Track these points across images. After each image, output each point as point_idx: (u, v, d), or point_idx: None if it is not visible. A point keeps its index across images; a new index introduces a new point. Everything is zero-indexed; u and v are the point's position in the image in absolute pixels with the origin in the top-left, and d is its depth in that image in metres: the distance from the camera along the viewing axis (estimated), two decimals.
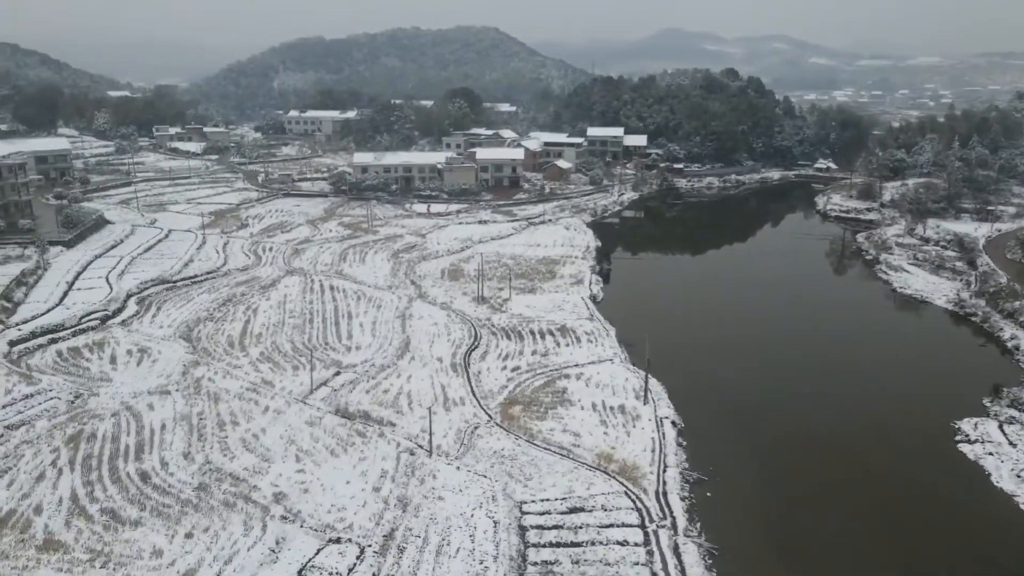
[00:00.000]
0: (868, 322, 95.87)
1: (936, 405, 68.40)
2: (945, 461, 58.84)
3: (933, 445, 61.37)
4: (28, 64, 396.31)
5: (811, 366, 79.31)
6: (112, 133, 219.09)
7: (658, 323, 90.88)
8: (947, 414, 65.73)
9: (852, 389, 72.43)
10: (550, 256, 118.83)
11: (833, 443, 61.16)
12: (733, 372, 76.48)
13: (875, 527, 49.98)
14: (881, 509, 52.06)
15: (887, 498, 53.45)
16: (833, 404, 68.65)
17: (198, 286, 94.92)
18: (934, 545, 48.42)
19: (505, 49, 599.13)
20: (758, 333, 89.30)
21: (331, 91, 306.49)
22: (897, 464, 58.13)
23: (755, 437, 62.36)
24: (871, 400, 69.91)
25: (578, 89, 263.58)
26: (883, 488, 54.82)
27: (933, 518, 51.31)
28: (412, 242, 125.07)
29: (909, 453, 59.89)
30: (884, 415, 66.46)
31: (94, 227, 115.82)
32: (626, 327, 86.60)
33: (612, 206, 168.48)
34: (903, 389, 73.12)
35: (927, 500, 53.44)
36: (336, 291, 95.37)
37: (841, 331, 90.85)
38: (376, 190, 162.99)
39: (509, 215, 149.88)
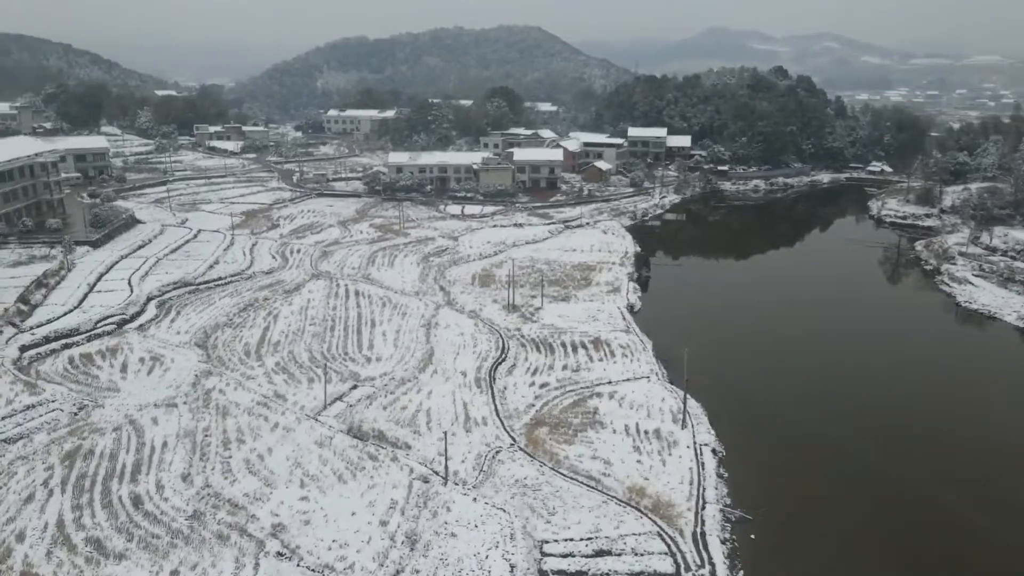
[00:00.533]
0: (930, 341, 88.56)
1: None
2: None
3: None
4: (80, 63, 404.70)
5: (868, 392, 71.77)
6: (153, 132, 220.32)
7: (699, 336, 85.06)
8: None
9: (919, 422, 65.50)
10: (586, 262, 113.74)
11: (898, 487, 54.94)
12: (780, 393, 70.57)
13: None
14: (960, 564, 46.01)
15: (967, 553, 47.26)
16: (896, 441, 61.85)
17: (221, 289, 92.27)
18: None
19: (547, 48, 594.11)
20: (807, 350, 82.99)
21: (371, 90, 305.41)
22: (981, 516, 50.67)
23: (806, 470, 56.60)
24: (943, 440, 61.68)
25: (620, 88, 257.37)
26: (964, 541, 48.52)
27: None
28: (443, 245, 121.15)
29: (996, 503, 52.02)
30: (965, 461, 58.27)
31: (123, 227, 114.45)
32: (664, 340, 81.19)
33: (653, 209, 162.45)
34: (987, 431, 63.60)
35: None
36: (361, 296, 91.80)
37: (902, 351, 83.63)
38: (410, 191, 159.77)
39: (545, 218, 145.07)
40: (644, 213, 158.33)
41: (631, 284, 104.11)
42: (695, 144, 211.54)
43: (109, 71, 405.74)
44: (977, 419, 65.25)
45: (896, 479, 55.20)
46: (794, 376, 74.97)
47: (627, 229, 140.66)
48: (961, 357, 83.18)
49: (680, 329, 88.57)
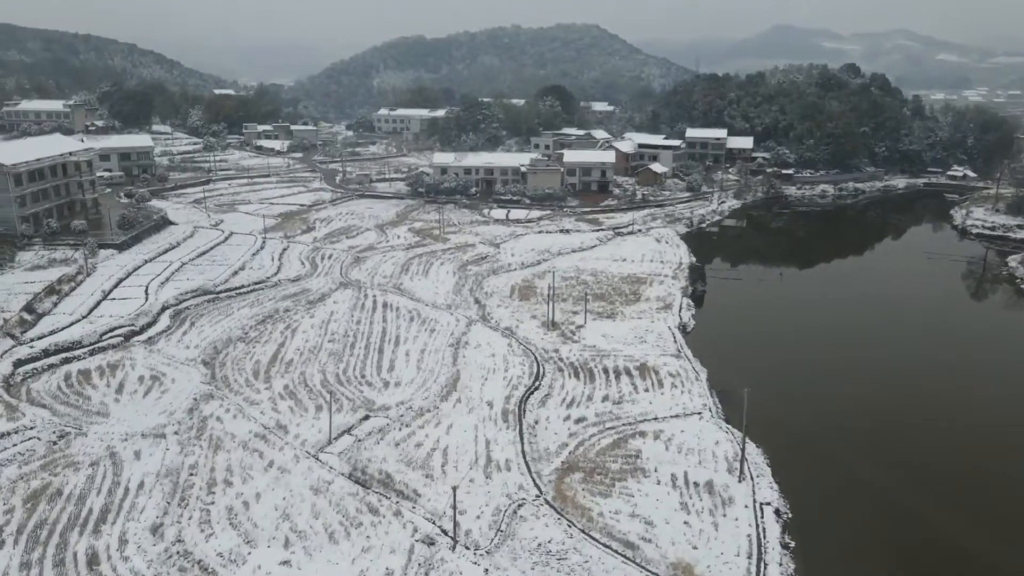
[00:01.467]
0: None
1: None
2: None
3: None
4: (143, 63, 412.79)
5: (964, 443, 61.50)
6: (204, 130, 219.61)
7: (760, 365, 75.71)
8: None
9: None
10: (636, 273, 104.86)
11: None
12: (857, 435, 60.76)
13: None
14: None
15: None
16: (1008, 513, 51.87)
17: (242, 298, 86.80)
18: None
19: (605, 47, 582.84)
20: (886, 380, 72.43)
21: (422, 89, 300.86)
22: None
23: (894, 537, 47.08)
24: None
25: (678, 87, 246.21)
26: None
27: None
28: (483, 252, 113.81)
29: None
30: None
31: (154, 228, 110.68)
32: (720, 367, 72.08)
33: (711, 215, 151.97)
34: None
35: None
36: (389, 309, 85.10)
37: (1002, 384, 72.56)
38: (454, 193, 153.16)
39: (594, 224, 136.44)
40: (701, 219, 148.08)
41: (684, 300, 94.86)
42: (757, 146, 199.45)
43: (170, 70, 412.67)
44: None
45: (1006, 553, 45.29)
46: (872, 413, 64.79)
47: (682, 237, 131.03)
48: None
49: (739, 355, 79.19)
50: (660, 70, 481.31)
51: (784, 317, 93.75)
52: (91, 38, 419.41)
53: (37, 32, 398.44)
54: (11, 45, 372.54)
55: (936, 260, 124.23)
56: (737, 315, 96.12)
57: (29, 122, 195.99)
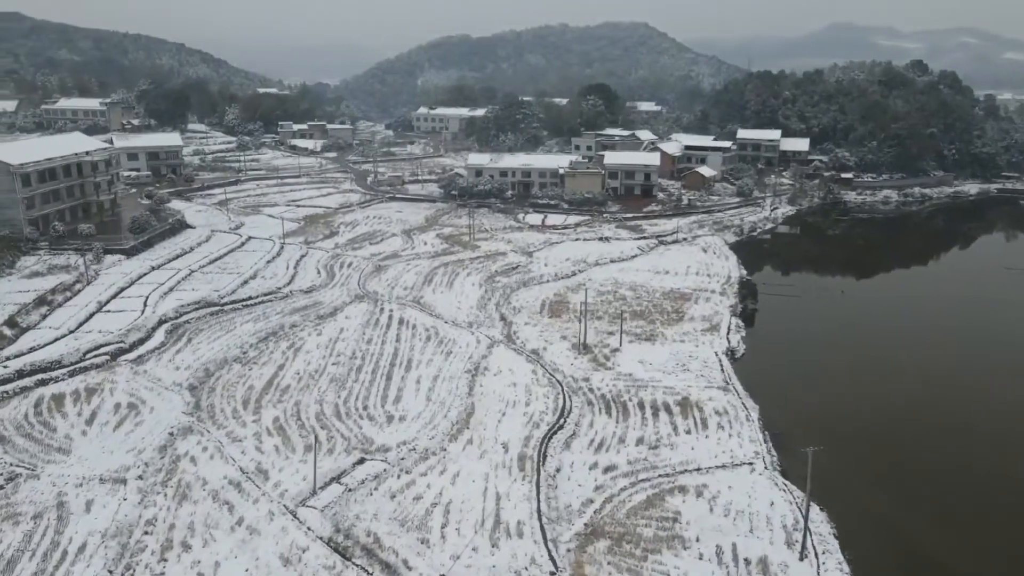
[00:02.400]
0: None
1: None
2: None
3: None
4: (190, 62, 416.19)
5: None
6: (240, 129, 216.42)
7: (822, 400, 66.06)
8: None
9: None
10: (679, 288, 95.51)
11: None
12: (954, 503, 50.76)
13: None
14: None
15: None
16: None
17: (248, 311, 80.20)
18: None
19: (654, 45, 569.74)
20: (979, 429, 61.92)
21: (462, 87, 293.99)
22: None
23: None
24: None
25: (729, 86, 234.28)
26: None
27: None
28: (515, 262, 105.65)
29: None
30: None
31: (168, 232, 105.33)
32: (775, 404, 62.77)
33: (762, 223, 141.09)
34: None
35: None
36: (404, 326, 77.55)
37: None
38: (488, 196, 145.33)
39: (636, 231, 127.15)
40: (752, 227, 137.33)
41: (733, 320, 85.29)
42: (814, 148, 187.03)
43: (216, 69, 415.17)
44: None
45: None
46: (977, 483, 54.44)
47: (731, 247, 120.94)
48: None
49: (796, 390, 69.53)
50: (710, 69, 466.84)
51: (849, 343, 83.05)
52: (140, 38, 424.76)
53: (88, 32, 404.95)
54: (62, 44, 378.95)
55: (1017, 274, 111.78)
56: (794, 339, 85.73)
57: (66, 120, 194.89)
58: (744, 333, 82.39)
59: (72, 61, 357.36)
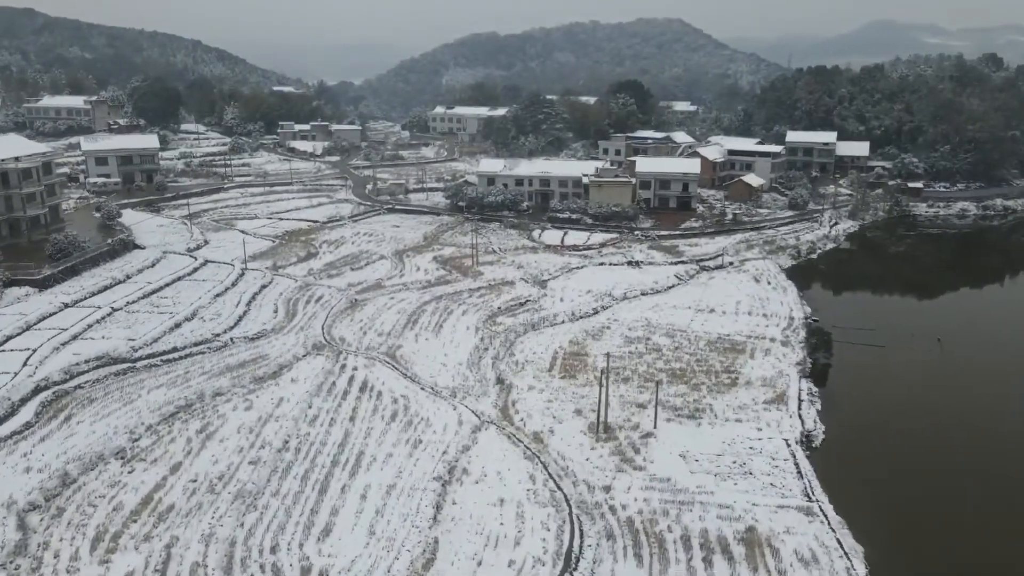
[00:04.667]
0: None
1: None
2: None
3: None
4: (205, 60, 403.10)
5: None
6: (239, 129, 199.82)
7: (956, 527, 45.38)
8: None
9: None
10: (730, 335, 75.20)
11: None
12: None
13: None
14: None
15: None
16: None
17: (167, 370, 61.65)
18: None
19: (689, 42, 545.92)
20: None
21: (483, 85, 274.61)
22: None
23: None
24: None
25: (776, 83, 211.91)
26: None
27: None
28: (523, 295, 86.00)
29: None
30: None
31: (107, 255, 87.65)
32: (887, 537, 42.49)
33: (822, 242, 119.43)
34: None
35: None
36: (368, 395, 58.45)
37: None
38: (501, 208, 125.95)
39: (672, 253, 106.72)
40: (810, 248, 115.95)
41: (803, 384, 64.80)
42: (874, 153, 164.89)
43: (232, 67, 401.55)
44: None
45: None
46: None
47: (787, 273, 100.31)
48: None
49: (913, 508, 48.63)
50: (749, 66, 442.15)
51: (971, 422, 61.49)
52: (156, 35, 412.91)
53: (102, 29, 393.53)
54: (75, 41, 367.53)
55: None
56: (890, 417, 63.33)
57: (47, 119, 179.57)
58: (820, 405, 61.77)
59: (83, 58, 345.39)
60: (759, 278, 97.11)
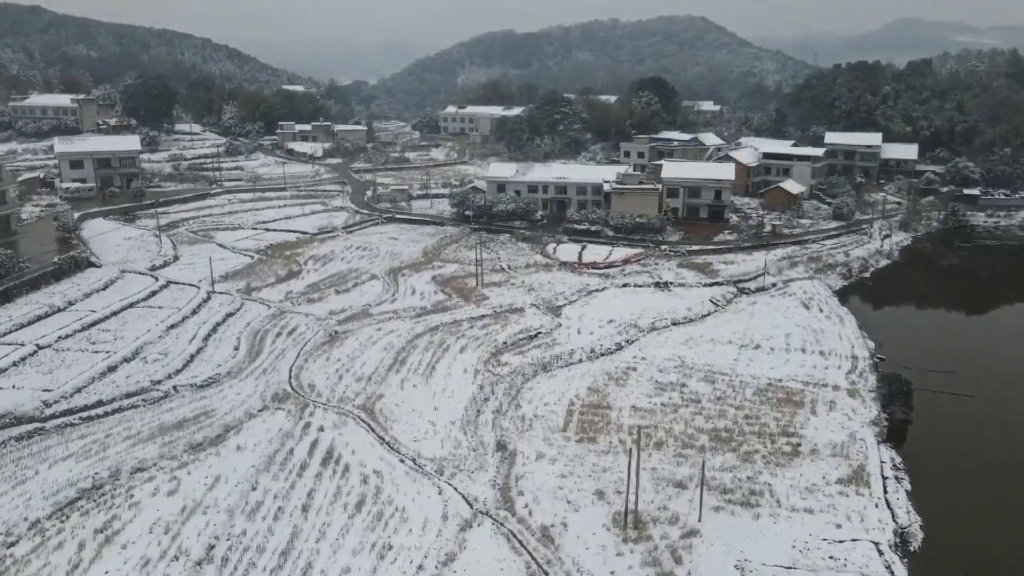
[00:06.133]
0: None
1: None
2: None
3: None
4: (214, 58, 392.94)
5: None
6: (237, 130, 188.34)
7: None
8: None
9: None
10: (782, 380, 61.87)
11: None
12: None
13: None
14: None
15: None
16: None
17: (84, 431, 49.36)
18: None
19: (711, 40, 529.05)
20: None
21: (496, 83, 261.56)
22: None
23: None
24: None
25: (811, 80, 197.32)
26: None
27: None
28: (533, 326, 72.97)
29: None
30: None
31: (53, 275, 75.77)
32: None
33: (874, 258, 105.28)
34: None
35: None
36: (331, 470, 45.82)
37: None
38: (512, 217, 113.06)
39: (705, 272, 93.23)
40: (863, 265, 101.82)
41: (883, 452, 51.40)
42: (923, 156, 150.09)
43: (241, 66, 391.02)
44: None
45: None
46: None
47: (840, 297, 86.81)
48: None
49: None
50: (775, 65, 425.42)
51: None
52: (165, 32, 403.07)
53: (110, 27, 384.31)
54: (81, 39, 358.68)
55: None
56: (1004, 494, 49.24)
57: (31, 119, 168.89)
58: (910, 484, 48.30)
59: (88, 57, 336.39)
60: (808, 303, 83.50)
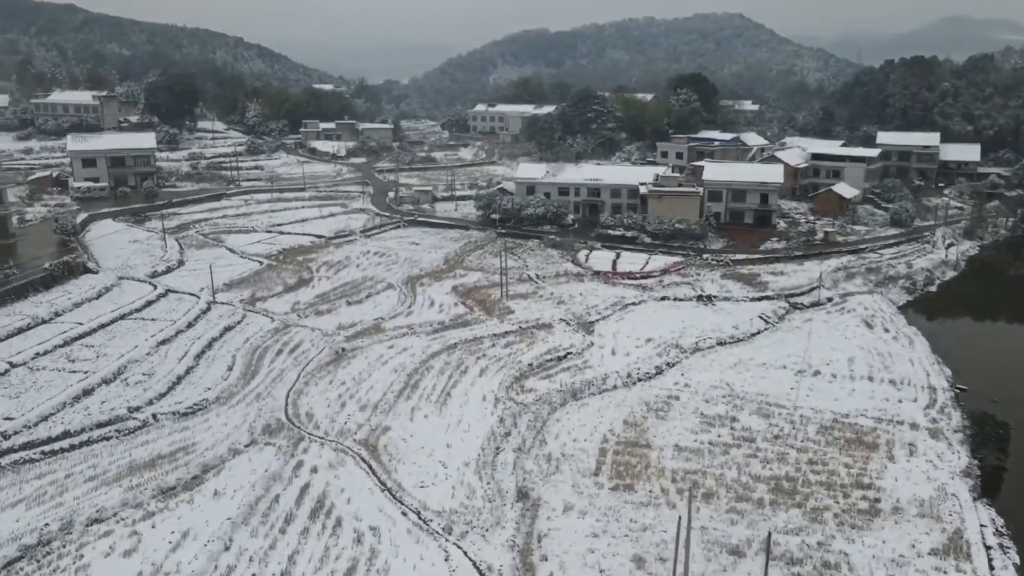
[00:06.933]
0: None
1: None
2: None
3: None
4: (245, 57, 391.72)
5: None
6: (260, 128, 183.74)
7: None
8: None
9: None
10: (849, 415, 53.54)
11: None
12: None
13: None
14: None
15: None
16: None
17: (45, 468, 43.04)
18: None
19: (749, 38, 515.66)
20: None
21: (527, 81, 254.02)
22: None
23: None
24: None
25: (862, 77, 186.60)
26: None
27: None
28: (563, 345, 65.40)
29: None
30: None
31: (43, 282, 70.30)
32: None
33: (940, 269, 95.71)
34: None
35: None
36: (320, 523, 38.81)
37: None
38: (541, 222, 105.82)
39: (752, 284, 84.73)
40: (927, 277, 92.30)
41: (980, 511, 42.87)
42: (987, 157, 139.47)
43: (272, 64, 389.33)
44: None
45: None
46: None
47: (906, 314, 77.77)
48: None
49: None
50: (816, 63, 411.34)
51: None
52: (198, 31, 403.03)
53: (143, 25, 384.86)
54: (115, 38, 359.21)
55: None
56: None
57: (54, 116, 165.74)
58: (1018, 555, 39.78)
59: (120, 55, 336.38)
60: (871, 321, 74.65)
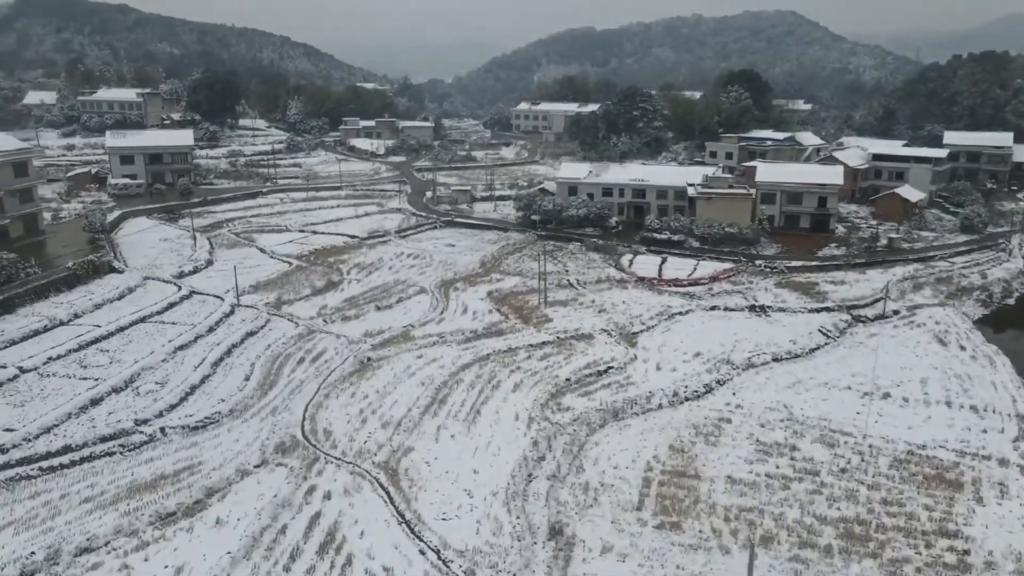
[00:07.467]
0: None
1: None
2: None
3: None
4: (291, 55, 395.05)
5: None
6: (301, 125, 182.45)
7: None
8: None
9: None
10: (926, 447, 47.69)
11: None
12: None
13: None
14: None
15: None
16: None
17: (41, 485, 39.98)
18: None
19: (802, 35, 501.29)
20: None
21: (572, 79, 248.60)
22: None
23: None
24: None
25: (927, 73, 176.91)
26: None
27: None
28: (604, 358, 60.54)
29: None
30: None
31: (63, 283, 67.98)
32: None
33: (1018, 280, 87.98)
34: None
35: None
36: (328, 561, 34.76)
37: None
38: (583, 224, 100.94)
39: (810, 294, 78.55)
40: (1005, 289, 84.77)
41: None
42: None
43: (317, 63, 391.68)
44: None
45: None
46: None
47: (980, 329, 70.86)
48: None
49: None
50: (873, 60, 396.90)
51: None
52: (246, 31, 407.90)
53: (194, 25, 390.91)
54: (165, 37, 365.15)
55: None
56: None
57: (98, 113, 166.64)
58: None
59: (171, 54, 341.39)
60: (944, 338, 68.03)
